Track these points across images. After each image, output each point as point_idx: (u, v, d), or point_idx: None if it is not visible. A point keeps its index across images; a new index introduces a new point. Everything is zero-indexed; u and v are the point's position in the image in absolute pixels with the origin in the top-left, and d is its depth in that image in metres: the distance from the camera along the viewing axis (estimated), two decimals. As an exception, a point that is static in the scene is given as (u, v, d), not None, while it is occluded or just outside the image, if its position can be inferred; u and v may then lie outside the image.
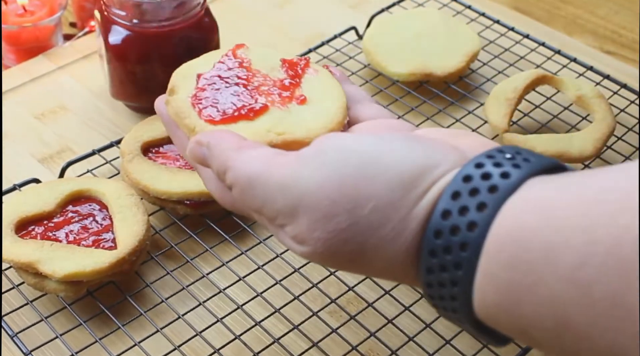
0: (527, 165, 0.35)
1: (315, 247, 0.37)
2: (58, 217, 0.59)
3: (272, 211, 0.38)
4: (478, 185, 0.34)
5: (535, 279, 0.31)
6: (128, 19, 0.69)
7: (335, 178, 0.36)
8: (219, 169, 0.40)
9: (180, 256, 0.61)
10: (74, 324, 0.56)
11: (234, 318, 0.57)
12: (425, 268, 0.36)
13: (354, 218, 0.36)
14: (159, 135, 0.66)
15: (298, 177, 0.37)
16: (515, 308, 0.32)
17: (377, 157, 0.37)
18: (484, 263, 0.33)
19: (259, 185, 0.38)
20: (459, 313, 0.35)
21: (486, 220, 0.33)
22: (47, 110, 0.77)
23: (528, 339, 0.33)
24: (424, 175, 0.36)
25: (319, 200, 0.36)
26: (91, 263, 0.54)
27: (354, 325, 0.57)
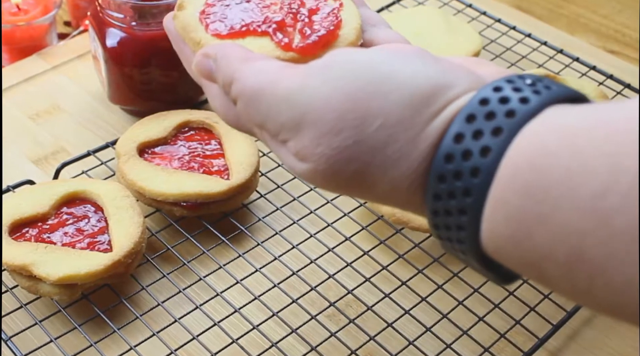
0: (548, 92, 0.33)
1: (318, 163, 0.36)
2: (52, 218, 0.59)
3: (275, 124, 0.37)
4: (495, 109, 0.33)
5: (551, 207, 0.30)
6: (126, 21, 0.69)
7: (343, 92, 0.35)
8: (224, 81, 0.39)
9: (176, 258, 0.61)
10: (68, 328, 0.56)
11: (231, 321, 0.57)
12: (432, 194, 0.34)
13: (360, 135, 0.35)
14: (155, 135, 0.66)
15: (304, 88, 0.36)
16: (526, 239, 0.31)
17: (389, 72, 0.35)
18: (495, 191, 0.32)
19: (264, 96, 0.37)
20: (465, 244, 0.34)
21: (501, 145, 0.32)
22: (41, 110, 0.77)
23: (537, 275, 0.32)
24: (438, 94, 0.35)
25: (324, 114, 0.35)
26: (86, 266, 0.54)
27: (353, 328, 0.57)
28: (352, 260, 0.61)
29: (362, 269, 0.60)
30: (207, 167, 0.64)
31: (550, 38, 0.84)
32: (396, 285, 0.59)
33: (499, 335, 0.56)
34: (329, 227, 0.64)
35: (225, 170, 0.64)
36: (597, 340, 0.58)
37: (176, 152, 0.65)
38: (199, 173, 0.63)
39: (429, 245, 0.63)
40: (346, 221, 0.65)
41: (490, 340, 0.56)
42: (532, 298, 0.58)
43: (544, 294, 0.59)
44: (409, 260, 0.61)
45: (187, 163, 0.64)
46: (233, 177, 0.63)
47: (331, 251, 0.62)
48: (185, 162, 0.64)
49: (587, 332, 0.59)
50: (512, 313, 0.57)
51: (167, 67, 0.71)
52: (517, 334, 0.57)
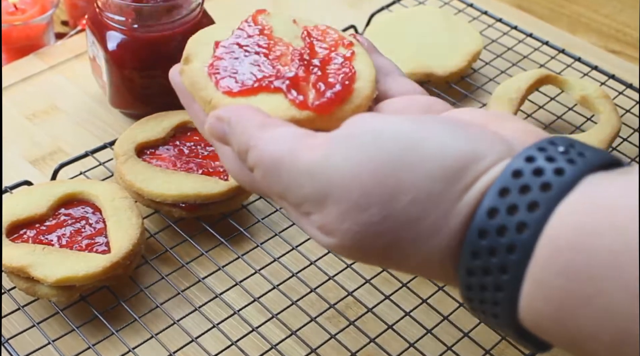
0: (583, 161, 0.32)
1: (344, 239, 0.35)
2: (50, 220, 0.59)
3: (297, 197, 0.36)
4: (529, 182, 0.32)
5: (595, 289, 0.29)
6: (127, 23, 0.69)
7: (369, 165, 0.34)
8: (240, 148, 0.38)
9: (175, 260, 0.61)
10: (66, 330, 0.56)
11: (231, 323, 0.57)
12: (465, 270, 0.34)
13: (389, 211, 0.33)
14: (154, 136, 0.66)
15: (328, 161, 0.35)
16: (569, 320, 0.30)
17: (416, 143, 0.34)
18: (534, 269, 0.31)
19: (284, 168, 0.36)
20: (501, 318, 0.34)
21: (538, 221, 0.31)
22: (38, 110, 0.77)
23: (578, 350, 0.32)
24: (469, 166, 0.34)
25: (350, 189, 0.34)
26: (84, 268, 0.54)
27: (353, 330, 0.57)
28: (352, 261, 0.61)
29: (363, 271, 0.60)
30: (206, 168, 0.64)
31: (552, 38, 0.84)
32: (397, 286, 0.59)
33: (500, 337, 0.56)
34: (329, 228, 0.64)
35: (225, 171, 0.64)
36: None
37: (175, 152, 0.65)
38: (197, 174, 0.63)
39: (429, 247, 0.63)
40: (346, 222, 0.64)
41: (492, 342, 0.56)
42: (534, 300, 0.58)
43: (546, 296, 0.58)
44: (410, 261, 0.61)
45: (186, 164, 0.64)
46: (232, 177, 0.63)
47: (331, 252, 0.62)
48: (184, 162, 0.64)
49: None
50: (513, 315, 0.57)
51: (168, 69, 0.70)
52: (519, 336, 0.57)
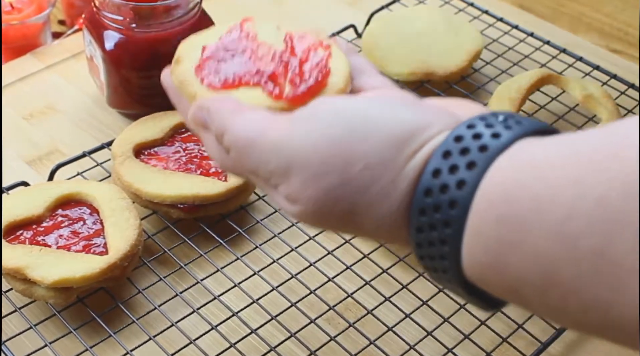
0: (519, 127, 0.36)
1: (307, 205, 0.39)
2: (47, 221, 0.59)
3: (266, 172, 0.40)
4: (469, 145, 0.36)
5: (523, 235, 0.32)
6: (125, 23, 0.69)
7: (326, 138, 0.38)
8: (217, 132, 0.42)
9: (173, 261, 0.61)
10: (63, 332, 0.56)
11: (229, 325, 0.57)
12: (415, 228, 0.37)
13: (345, 177, 0.37)
14: (152, 136, 0.66)
15: (291, 137, 0.39)
16: (503, 266, 0.33)
17: (369, 116, 0.38)
18: (472, 222, 0.34)
19: (253, 147, 0.40)
20: (449, 273, 0.37)
21: (475, 178, 0.34)
22: (35, 110, 0.77)
23: (517, 298, 0.34)
24: (416, 135, 0.37)
25: (311, 159, 0.38)
26: (81, 269, 0.54)
27: (352, 332, 0.57)
28: (352, 263, 0.61)
29: (362, 272, 0.61)
30: (205, 169, 0.64)
31: (553, 37, 0.85)
32: (396, 288, 0.59)
33: (500, 339, 0.56)
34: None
35: (223, 172, 0.64)
36: (600, 344, 0.58)
37: (173, 153, 0.65)
38: (196, 175, 0.63)
39: (429, 248, 0.63)
40: (346, 223, 0.65)
41: (492, 344, 0.56)
42: (535, 302, 0.59)
43: (547, 297, 0.59)
44: (409, 263, 0.61)
45: (184, 165, 0.64)
46: (231, 178, 0.63)
47: (330, 254, 0.62)
48: (182, 163, 0.64)
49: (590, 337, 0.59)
50: (514, 317, 0.57)
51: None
52: (519, 338, 0.57)
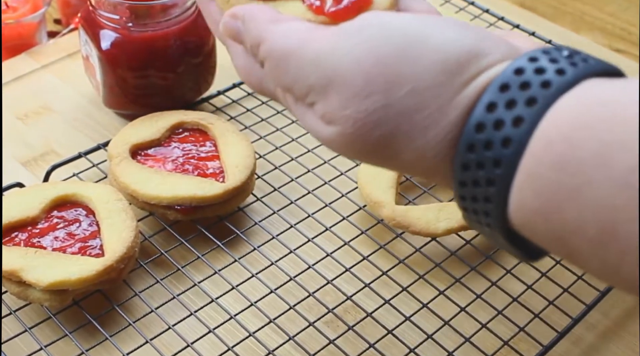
0: (585, 65, 0.34)
1: (345, 127, 0.36)
2: (43, 222, 0.59)
3: (303, 87, 0.38)
4: (530, 79, 0.33)
5: (584, 181, 0.30)
6: (121, 22, 0.69)
7: (374, 54, 0.35)
8: (252, 42, 0.40)
9: (170, 264, 0.61)
10: (59, 335, 0.56)
11: (227, 328, 0.57)
12: (460, 164, 0.35)
13: (389, 99, 0.35)
14: (149, 137, 0.66)
15: (335, 50, 0.36)
16: (556, 213, 0.31)
17: (422, 37, 0.36)
18: (527, 162, 0.32)
19: (293, 58, 0.38)
20: (491, 217, 0.34)
21: (534, 115, 0.32)
22: (30, 110, 0.77)
23: (565, 251, 0.32)
24: (471, 62, 0.35)
25: (354, 77, 0.36)
26: (77, 271, 0.54)
27: (352, 335, 0.57)
28: (351, 265, 0.61)
29: (362, 274, 0.61)
30: (202, 170, 0.64)
31: (555, 36, 0.85)
32: (396, 290, 0.59)
33: (502, 342, 0.56)
34: (328, 231, 0.64)
35: (221, 173, 0.64)
36: (602, 347, 0.58)
37: (170, 153, 0.65)
38: (193, 176, 0.63)
39: (430, 250, 0.63)
40: (345, 225, 0.65)
41: (494, 347, 0.56)
42: (537, 305, 0.59)
43: (549, 300, 0.59)
44: (410, 265, 0.61)
45: (181, 166, 0.64)
46: (228, 179, 0.63)
47: (329, 256, 0.62)
48: (180, 164, 0.64)
49: (591, 339, 0.59)
50: (516, 320, 0.58)
51: (164, 69, 0.71)
52: (521, 341, 0.57)
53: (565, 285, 0.60)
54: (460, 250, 0.63)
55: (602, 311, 0.60)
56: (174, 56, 0.71)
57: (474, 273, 0.61)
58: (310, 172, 0.69)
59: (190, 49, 0.71)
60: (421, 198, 0.67)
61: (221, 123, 0.68)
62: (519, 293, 0.59)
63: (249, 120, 0.74)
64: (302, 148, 0.71)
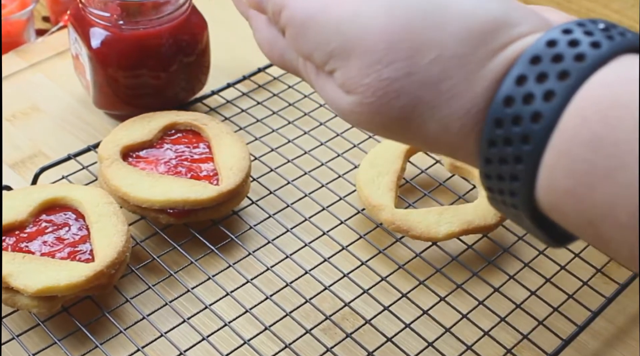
0: (622, 39, 0.33)
1: (364, 96, 0.36)
2: (31, 227, 0.59)
3: (324, 53, 0.37)
4: (563, 52, 0.32)
5: (620, 162, 0.30)
6: (112, 20, 0.69)
7: (398, 20, 0.35)
8: (274, 9, 0.40)
9: (162, 269, 0.61)
10: (47, 343, 0.56)
11: (221, 336, 0.57)
12: (486, 140, 0.34)
13: (412, 67, 0.34)
14: (140, 138, 0.66)
15: (357, 15, 0.36)
16: (588, 195, 0.31)
17: (447, 2, 0.35)
18: (558, 140, 0.31)
19: (314, 23, 0.37)
20: (518, 197, 0.34)
21: (567, 90, 0.31)
22: (18, 111, 0.77)
23: (592, 234, 0.32)
24: (500, 31, 0.34)
25: (376, 43, 0.35)
26: (66, 277, 0.55)
27: (350, 343, 0.57)
28: (349, 270, 0.61)
29: (360, 280, 0.61)
30: (195, 172, 0.64)
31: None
32: (396, 297, 0.60)
33: (505, 350, 0.56)
34: (325, 236, 0.64)
35: (215, 175, 0.64)
36: (607, 354, 0.58)
37: (162, 155, 0.65)
38: (186, 179, 0.63)
39: (430, 255, 0.63)
40: (343, 229, 0.65)
41: (496, 355, 0.56)
42: (541, 312, 0.59)
43: (554, 307, 0.59)
44: (410, 270, 0.62)
45: (174, 168, 0.64)
46: (223, 182, 0.63)
47: (327, 261, 0.62)
48: (172, 166, 0.64)
49: (597, 346, 0.59)
50: (519, 327, 0.58)
51: (156, 68, 0.71)
52: (525, 349, 0.57)
53: (570, 291, 0.60)
54: (461, 255, 0.63)
55: (608, 318, 0.60)
56: (167, 55, 0.71)
57: (475, 278, 0.61)
58: (307, 174, 0.69)
59: (183, 48, 0.72)
60: (422, 201, 0.67)
61: (215, 124, 0.68)
62: (523, 299, 0.59)
63: (244, 121, 0.75)
64: (298, 150, 0.72)
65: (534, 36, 0.34)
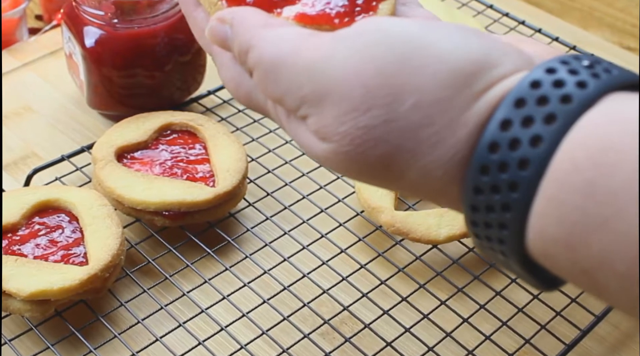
0: (608, 77, 0.32)
1: (341, 144, 0.35)
2: (23, 229, 0.59)
3: (295, 98, 0.36)
4: (548, 93, 0.32)
5: (616, 210, 0.29)
6: (106, 18, 0.69)
7: (374, 64, 0.34)
8: (240, 49, 0.38)
9: (157, 272, 0.61)
10: (40, 347, 0.56)
11: (217, 340, 0.57)
12: (471, 187, 0.33)
13: (391, 114, 0.33)
14: (135, 139, 0.66)
15: (330, 59, 0.35)
16: (582, 245, 0.30)
17: (426, 44, 0.34)
18: (548, 186, 0.31)
19: (284, 67, 0.36)
20: (507, 245, 0.33)
21: (555, 134, 0.31)
22: (10, 111, 0.77)
23: (587, 282, 0.31)
24: (481, 72, 0.34)
25: (351, 89, 0.34)
26: (60, 281, 0.55)
27: (349, 348, 0.57)
28: (348, 273, 0.61)
29: (359, 284, 0.61)
30: (191, 173, 0.64)
31: (562, 33, 0.85)
32: (396, 300, 0.60)
33: (507, 355, 0.56)
34: (323, 238, 0.64)
35: (211, 177, 0.64)
36: (613, 360, 0.59)
37: (157, 157, 0.66)
38: (182, 180, 0.63)
39: (431, 258, 0.63)
40: (341, 232, 0.65)
41: (498, 360, 0.57)
42: (543, 316, 0.59)
43: (556, 311, 0.59)
44: (410, 274, 0.62)
45: (170, 169, 0.64)
46: (219, 184, 0.63)
47: (325, 264, 0.62)
48: (168, 167, 0.64)
49: (601, 351, 0.59)
50: (521, 331, 0.58)
51: (151, 67, 0.71)
52: (527, 354, 0.57)
53: (573, 295, 0.60)
54: (462, 258, 0.63)
55: (613, 322, 0.61)
56: (162, 54, 0.71)
57: (477, 282, 0.61)
58: (305, 175, 0.69)
59: (178, 47, 0.72)
60: (422, 203, 0.67)
61: (211, 124, 0.68)
62: (525, 303, 0.59)
63: (241, 122, 0.75)
64: (296, 151, 0.72)
65: (516, 76, 0.34)
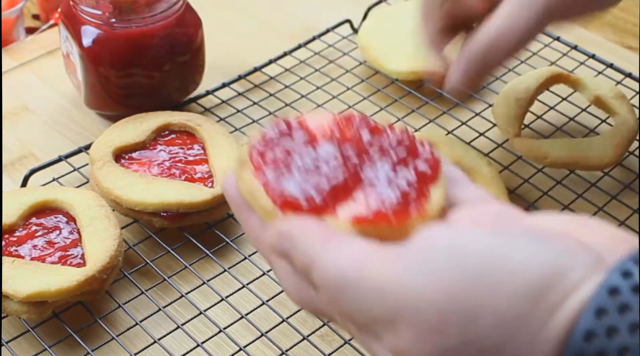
0: None
1: None
2: (20, 230, 0.59)
3: (366, 318, 0.36)
4: (628, 301, 0.32)
5: None
6: (104, 18, 0.69)
7: (445, 284, 0.34)
8: (302, 265, 0.38)
9: (156, 274, 0.61)
10: (38, 349, 0.56)
11: (216, 342, 0.57)
12: None
13: (470, 336, 0.33)
14: (133, 139, 0.66)
15: (399, 280, 0.35)
16: None
17: (498, 260, 0.34)
18: None
19: (351, 288, 0.36)
20: None
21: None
22: (7, 111, 0.77)
23: None
24: (555, 283, 0.33)
25: (425, 312, 0.34)
26: (57, 282, 0.55)
27: (348, 350, 0.57)
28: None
29: (359, 285, 0.61)
30: (190, 174, 0.64)
31: (563, 33, 0.85)
32: (396, 302, 0.60)
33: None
34: (323, 239, 0.64)
35: (209, 177, 0.64)
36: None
37: (156, 157, 0.66)
38: (180, 181, 0.63)
39: (431, 259, 0.63)
40: (341, 233, 0.65)
41: (498, 362, 0.56)
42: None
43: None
44: (410, 275, 0.62)
45: (168, 170, 0.64)
46: (218, 184, 0.63)
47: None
48: (166, 168, 0.64)
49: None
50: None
51: (149, 67, 0.71)
52: None
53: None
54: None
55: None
56: (160, 54, 0.71)
57: (477, 283, 0.61)
58: (305, 176, 0.69)
59: (177, 46, 0.72)
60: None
61: (210, 124, 0.68)
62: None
63: (240, 122, 0.75)
64: (295, 152, 0.71)
65: (591, 282, 0.33)
